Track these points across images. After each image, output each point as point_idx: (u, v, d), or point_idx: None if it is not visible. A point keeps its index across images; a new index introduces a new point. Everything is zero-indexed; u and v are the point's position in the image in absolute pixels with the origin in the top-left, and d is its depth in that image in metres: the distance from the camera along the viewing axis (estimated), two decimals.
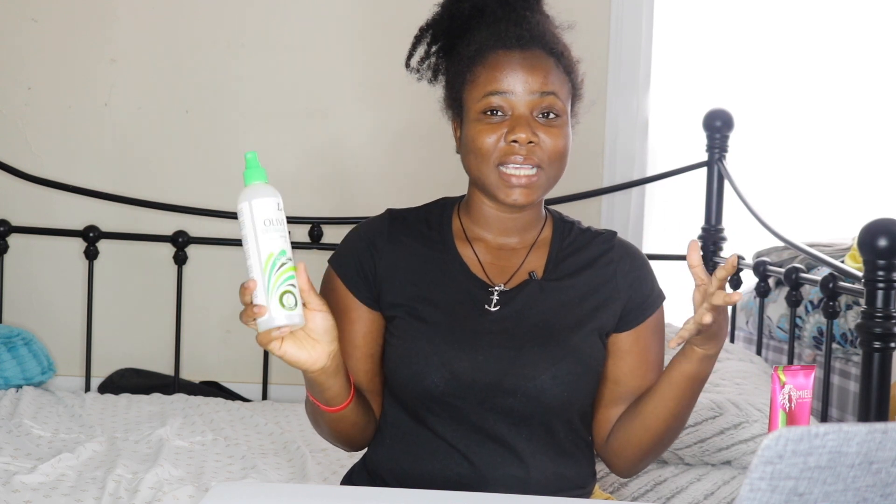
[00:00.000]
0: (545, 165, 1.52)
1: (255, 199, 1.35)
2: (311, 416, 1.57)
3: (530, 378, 1.49)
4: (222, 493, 1.37)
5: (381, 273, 1.57)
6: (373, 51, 3.53)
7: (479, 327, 1.52)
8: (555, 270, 1.58)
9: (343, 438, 1.57)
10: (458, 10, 1.62)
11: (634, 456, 1.56)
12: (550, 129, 1.52)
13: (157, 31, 3.51)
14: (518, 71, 1.52)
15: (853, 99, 3.63)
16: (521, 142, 1.50)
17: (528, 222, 1.60)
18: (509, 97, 1.52)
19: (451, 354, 1.51)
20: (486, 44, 1.55)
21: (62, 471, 2.37)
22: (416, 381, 1.51)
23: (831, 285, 2.63)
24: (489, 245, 1.60)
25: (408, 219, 1.62)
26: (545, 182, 1.53)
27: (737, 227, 3.40)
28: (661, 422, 1.51)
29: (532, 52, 1.54)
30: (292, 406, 3.11)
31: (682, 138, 3.56)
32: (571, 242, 1.61)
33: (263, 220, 1.34)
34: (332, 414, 1.49)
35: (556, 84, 1.53)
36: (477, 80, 1.54)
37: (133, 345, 3.49)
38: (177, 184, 3.50)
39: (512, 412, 1.51)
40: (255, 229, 1.33)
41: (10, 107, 3.49)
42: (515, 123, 1.51)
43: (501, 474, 1.52)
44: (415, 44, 1.66)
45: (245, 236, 1.35)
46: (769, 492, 0.85)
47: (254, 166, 1.39)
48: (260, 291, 1.32)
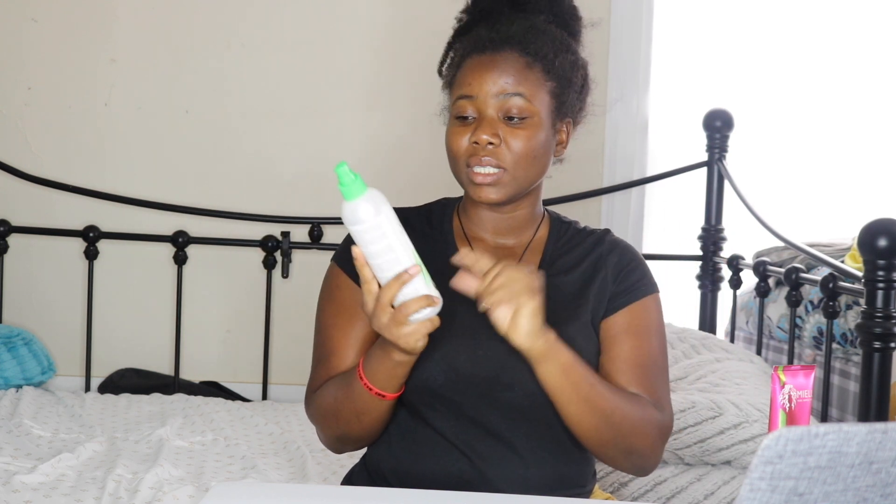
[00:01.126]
0: (509, 166, 1.53)
1: (388, 210, 1.35)
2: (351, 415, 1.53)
3: (528, 372, 1.50)
4: (222, 493, 1.37)
5: None
6: (374, 51, 3.53)
7: (477, 323, 1.53)
8: (550, 268, 1.60)
9: (374, 430, 1.56)
10: (472, 17, 1.64)
11: (609, 459, 1.54)
12: (515, 131, 1.53)
13: (157, 31, 3.51)
14: (485, 73, 1.54)
15: (853, 99, 3.63)
16: (482, 143, 1.53)
17: (522, 223, 1.62)
18: (475, 100, 1.54)
19: (450, 349, 1.52)
20: (466, 49, 1.59)
21: (62, 471, 2.37)
22: (415, 375, 1.51)
23: (831, 285, 2.63)
24: (488, 245, 1.62)
25: (409, 218, 1.63)
26: (511, 181, 1.54)
27: (737, 227, 3.41)
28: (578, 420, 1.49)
29: (502, 53, 1.55)
30: (292, 406, 3.11)
31: (682, 138, 3.56)
32: (567, 241, 1.63)
33: (399, 223, 1.37)
34: (392, 402, 1.50)
35: (525, 85, 1.54)
36: (454, 84, 1.58)
37: (133, 345, 3.49)
38: (177, 184, 3.50)
39: (511, 407, 1.52)
40: (396, 233, 1.35)
41: (10, 107, 3.49)
42: (478, 125, 1.54)
43: (501, 471, 1.52)
44: (446, 51, 1.67)
45: (388, 247, 1.35)
46: (769, 492, 0.85)
47: (354, 177, 1.34)
48: (420, 281, 1.36)
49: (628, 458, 1.53)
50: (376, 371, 1.46)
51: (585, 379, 1.47)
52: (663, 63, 3.57)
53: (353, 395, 1.50)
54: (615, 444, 1.51)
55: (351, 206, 1.33)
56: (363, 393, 1.48)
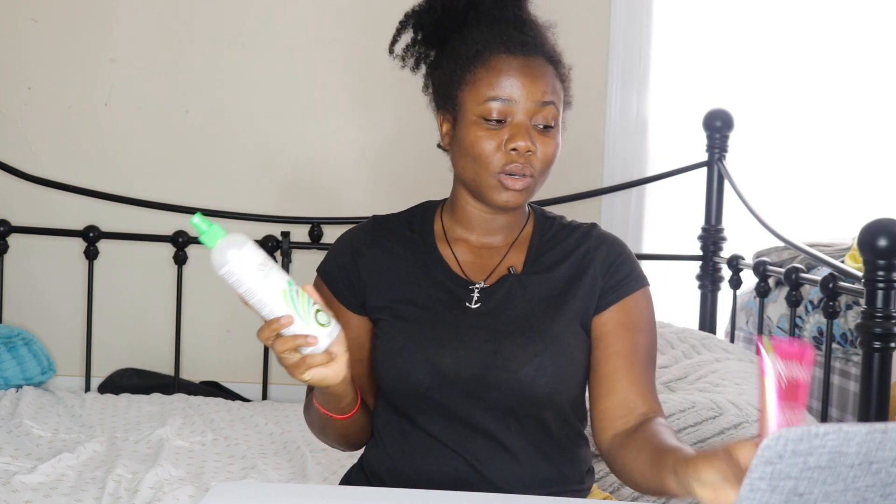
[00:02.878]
0: (537, 173, 1.53)
1: (237, 255, 1.31)
2: (317, 426, 1.58)
3: (513, 371, 1.49)
4: (222, 493, 1.37)
5: (364, 278, 1.60)
6: (374, 51, 3.52)
7: (460, 323, 1.53)
8: (534, 265, 1.59)
9: (350, 441, 1.60)
10: (451, 3, 1.61)
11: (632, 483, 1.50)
12: (545, 139, 1.53)
13: (157, 31, 3.51)
14: (520, 78, 1.52)
15: (853, 99, 3.63)
16: (521, 150, 1.51)
17: (513, 222, 1.62)
18: (510, 104, 1.52)
19: (434, 351, 1.52)
20: (489, 46, 1.55)
21: (62, 471, 2.37)
22: (401, 379, 1.52)
23: (831, 285, 2.63)
24: (471, 245, 1.62)
25: (391, 223, 1.64)
26: (534, 186, 1.55)
27: (737, 227, 3.40)
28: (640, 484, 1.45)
29: (534, 59, 1.54)
30: (292, 406, 3.11)
31: (682, 138, 3.56)
32: (552, 237, 1.62)
33: (258, 267, 1.32)
34: (345, 421, 1.52)
35: (554, 93, 1.54)
36: (478, 82, 1.54)
37: (133, 345, 3.49)
38: (177, 184, 3.50)
39: (498, 406, 1.52)
40: (254, 279, 1.31)
41: (10, 107, 3.49)
42: (516, 132, 1.51)
43: (496, 469, 1.52)
44: (399, 30, 1.65)
45: (249, 291, 1.32)
46: (769, 492, 0.85)
47: (209, 226, 1.32)
48: (298, 324, 1.33)
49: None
50: (325, 398, 1.48)
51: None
52: (663, 63, 3.57)
53: (313, 409, 1.54)
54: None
55: (213, 253, 1.31)
56: (318, 409, 1.51)
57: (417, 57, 1.65)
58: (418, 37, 1.64)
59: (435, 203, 1.67)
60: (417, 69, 1.65)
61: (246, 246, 1.32)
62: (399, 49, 1.65)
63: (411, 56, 1.65)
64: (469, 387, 1.51)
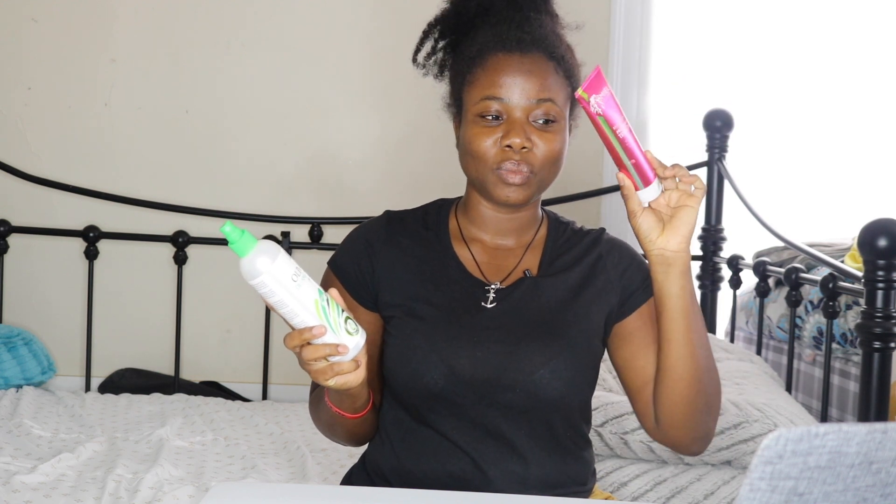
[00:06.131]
0: (537, 170, 1.53)
1: (269, 267, 1.29)
2: (325, 423, 1.57)
3: (528, 372, 1.49)
4: (222, 493, 1.37)
5: (378, 274, 1.59)
6: (374, 51, 3.53)
7: (476, 324, 1.53)
8: (549, 268, 1.60)
9: (358, 438, 1.60)
10: (464, 8, 1.62)
11: (688, 416, 1.50)
12: (545, 134, 1.53)
13: (157, 31, 3.51)
14: (516, 76, 1.53)
15: (853, 99, 3.63)
16: (515, 147, 1.51)
17: (524, 223, 1.62)
18: (505, 102, 1.53)
19: (450, 351, 1.52)
20: (487, 45, 1.56)
21: (62, 471, 2.37)
22: (415, 378, 1.51)
23: (831, 285, 2.63)
24: (486, 245, 1.62)
25: (405, 220, 1.63)
26: (537, 184, 1.54)
27: (737, 227, 3.41)
28: (683, 360, 1.47)
29: (531, 56, 1.54)
30: (292, 406, 3.11)
31: (682, 138, 3.56)
32: (565, 241, 1.63)
33: (290, 277, 1.30)
34: (357, 419, 1.51)
35: (553, 90, 1.54)
36: (476, 81, 1.55)
37: (133, 345, 3.49)
38: (177, 184, 3.50)
39: (511, 407, 1.52)
40: (287, 290, 1.30)
41: (10, 107, 3.49)
42: (510, 128, 1.52)
43: (502, 470, 1.52)
44: (422, 39, 1.66)
45: (280, 302, 1.31)
46: (769, 492, 0.85)
47: (240, 235, 1.30)
48: (328, 334, 1.32)
49: (708, 415, 1.51)
50: (341, 398, 1.48)
51: (699, 312, 1.49)
52: (663, 63, 3.57)
53: (323, 407, 1.52)
54: (706, 395, 1.49)
55: (244, 262, 1.29)
56: (329, 408, 1.50)
57: (440, 65, 1.66)
58: (438, 45, 1.65)
59: (449, 201, 1.67)
60: (441, 77, 1.66)
61: (279, 257, 1.30)
62: (421, 58, 1.66)
63: (434, 64, 1.66)
64: (484, 388, 1.51)
